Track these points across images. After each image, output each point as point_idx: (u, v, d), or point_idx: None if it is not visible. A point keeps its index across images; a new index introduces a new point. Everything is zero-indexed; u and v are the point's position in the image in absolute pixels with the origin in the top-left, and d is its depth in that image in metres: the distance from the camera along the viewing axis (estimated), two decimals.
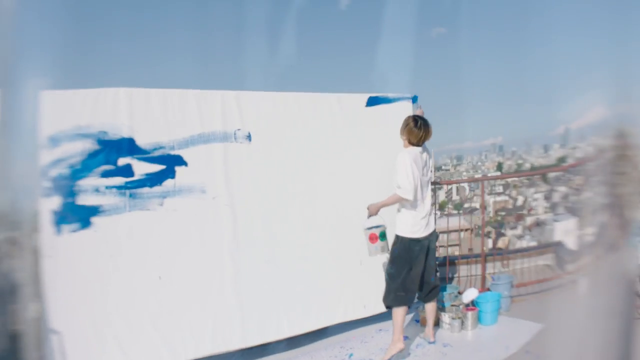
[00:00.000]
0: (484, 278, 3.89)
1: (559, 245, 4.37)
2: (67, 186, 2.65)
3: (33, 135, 2.57)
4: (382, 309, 3.60)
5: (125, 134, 2.82)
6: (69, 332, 2.60)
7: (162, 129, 2.93)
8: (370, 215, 3.07)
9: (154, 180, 2.89)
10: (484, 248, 4.28)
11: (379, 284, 3.59)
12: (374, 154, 3.59)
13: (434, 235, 3.12)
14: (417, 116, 3.10)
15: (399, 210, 3.04)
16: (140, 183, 2.84)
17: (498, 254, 4.22)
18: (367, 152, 3.57)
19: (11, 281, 2.50)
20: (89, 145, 2.71)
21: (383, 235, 3.08)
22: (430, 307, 3.21)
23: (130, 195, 2.81)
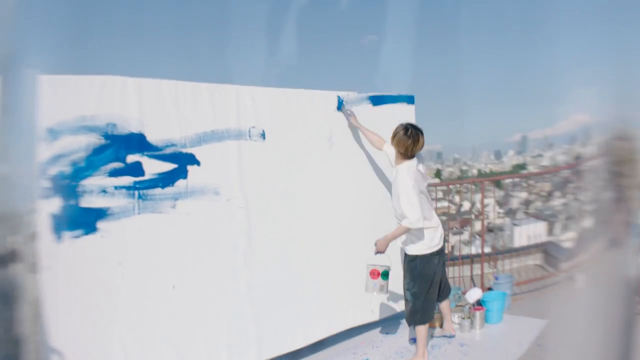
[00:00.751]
0: (482, 277, 3.99)
1: (550, 245, 4.62)
2: (70, 186, 2.33)
3: (31, 127, 2.23)
4: (389, 312, 3.59)
5: (135, 128, 2.54)
6: (70, 350, 2.27)
7: (174, 124, 2.68)
8: (377, 252, 2.90)
9: (165, 180, 2.63)
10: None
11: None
12: (381, 155, 3.57)
13: (444, 241, 3.13)
14: (410, 124, 2.97)
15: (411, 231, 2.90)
16: (152, 183, 2.58)
17: (497, 254, 4.35)
18: (376, 153, 3.54)
19: (6, 297, 2.17)
20: (95, 140, 2.40)
21: (385, 275, 2.96)
22: (445, 305, 3.24)
23: (140, 197, 2.54)
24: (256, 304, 2.91)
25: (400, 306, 3.60)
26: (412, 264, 2.93)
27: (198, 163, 2.75)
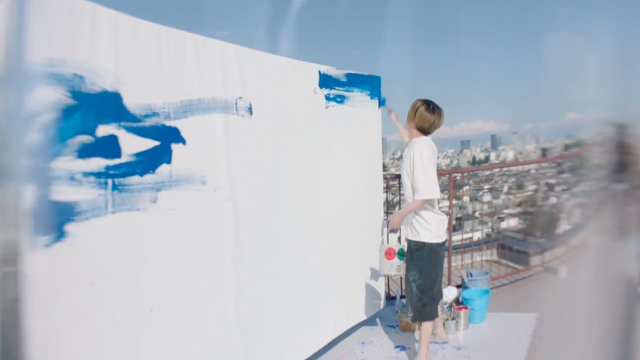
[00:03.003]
0: (450, 274, 4.01)
1: (510, 240, 4.86)
2: (41, 166, 1.59)
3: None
4: (362, 317, 3.40)
5: (109, 85, 1.83)
6: None
7: (155, 84, 2.04)
8: (392, 230, 2.77)
9: (145, 164, 1.97)
10: None
11: (360, 291, 3.38)
12: (364, 143, 3.39)
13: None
14: (428, 100, 2.83)
15: (417, 214, 2.75)
16: (129, 168, 1.90)
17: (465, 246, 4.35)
18: (359, 140, 3.32)
19: None
20: (61, 97, 1.66)
21: (401, 254, 2.81)
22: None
23: (115, 187, 1.85)
24: (245, 324, 2.42)
25: (369, 310, 3.45)
26: (418, 253, 2.75)
27: (184, 141, 2.14)
